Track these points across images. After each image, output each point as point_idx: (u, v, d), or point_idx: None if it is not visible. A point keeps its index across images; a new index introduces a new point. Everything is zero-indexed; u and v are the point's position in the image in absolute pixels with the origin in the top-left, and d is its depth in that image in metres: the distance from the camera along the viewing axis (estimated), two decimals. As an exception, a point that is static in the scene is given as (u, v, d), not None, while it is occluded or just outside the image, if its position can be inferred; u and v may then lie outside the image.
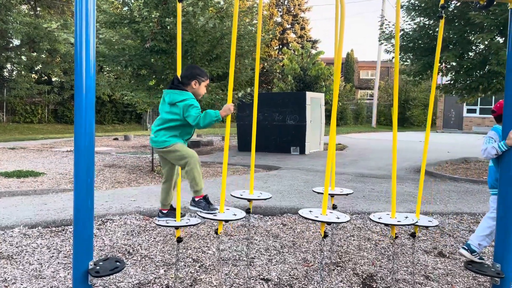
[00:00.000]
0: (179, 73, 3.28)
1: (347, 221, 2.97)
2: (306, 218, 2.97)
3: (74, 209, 2.56)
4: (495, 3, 3.17)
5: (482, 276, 3.75)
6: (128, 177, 9.24)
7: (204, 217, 3.15)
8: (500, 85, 9.36)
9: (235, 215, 3.15)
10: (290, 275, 3.91)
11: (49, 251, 4.43)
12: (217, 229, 3.22)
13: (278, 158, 13.11)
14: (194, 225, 3.24)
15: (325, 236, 2.94)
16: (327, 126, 16.27)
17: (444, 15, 3.15)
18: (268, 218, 6.00)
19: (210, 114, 3.04)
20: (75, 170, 2.55)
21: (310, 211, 3.10)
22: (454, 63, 10.20)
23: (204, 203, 3.14)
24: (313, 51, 26.73)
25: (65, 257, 4.25)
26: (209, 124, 3.05)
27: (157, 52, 9.23)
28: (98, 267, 2.60)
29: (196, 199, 3.17)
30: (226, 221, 3.17)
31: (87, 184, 2.58)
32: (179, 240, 3.24)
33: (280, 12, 42.35)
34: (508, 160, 3.08)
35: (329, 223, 2.94)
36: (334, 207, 3.92)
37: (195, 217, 3.34)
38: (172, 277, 3.78)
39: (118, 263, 2.74)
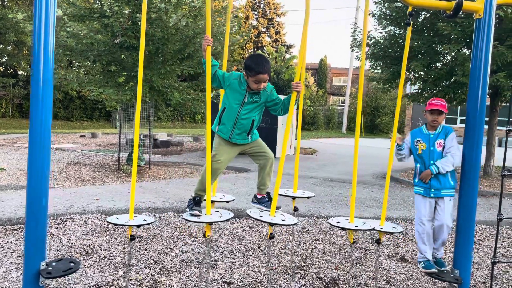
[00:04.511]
0: (141, 70, 2.96)
1: (293, 224, 2.94)
2: (252, 218, 2.97)
3: (27, 207, 2.44)
4: (462, 14, 3.23)
5: (441, 282, 3.81)
6: (93, 176, 8.98)
7: (187, 220, 3.02)
8: (465, 96, 9.62)
9: (221, 217, 3.06)
10: (253, 278, 3.86)
11: (2, 250, 4.22)
12: (204, 232, 3.09)
13: (249, 160, 13.04)
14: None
15: (271, 237, 2.95)
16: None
17: (411, 22, 3.17)
18: (234, 220, 5.94)
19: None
20: (28, 166, 2.43)
21: (261, 211, 3.12)
22: (422, 73, 10.44)
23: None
24: (287, 56, 26.92)
25: (19, 256, 4.06)
26: (205, 70, 3.12)
27: (127, 48, 9.02)
28: (50, 268, 2.48)
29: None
30: (211, 223, 3.05)
31: (42, 181, 2.46)
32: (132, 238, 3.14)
33: (255, 15, 42.45)
34: (468, 171, 3.15)
35: (272, 224, 2.93)
36: (296, 209, 3.88)
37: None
38: (131, 279, 3.67)
39: (72, 264, 2.63)
